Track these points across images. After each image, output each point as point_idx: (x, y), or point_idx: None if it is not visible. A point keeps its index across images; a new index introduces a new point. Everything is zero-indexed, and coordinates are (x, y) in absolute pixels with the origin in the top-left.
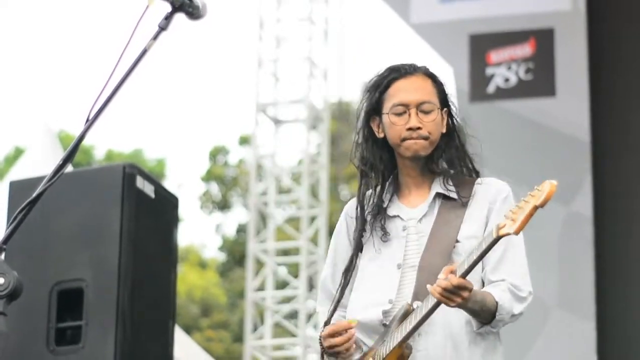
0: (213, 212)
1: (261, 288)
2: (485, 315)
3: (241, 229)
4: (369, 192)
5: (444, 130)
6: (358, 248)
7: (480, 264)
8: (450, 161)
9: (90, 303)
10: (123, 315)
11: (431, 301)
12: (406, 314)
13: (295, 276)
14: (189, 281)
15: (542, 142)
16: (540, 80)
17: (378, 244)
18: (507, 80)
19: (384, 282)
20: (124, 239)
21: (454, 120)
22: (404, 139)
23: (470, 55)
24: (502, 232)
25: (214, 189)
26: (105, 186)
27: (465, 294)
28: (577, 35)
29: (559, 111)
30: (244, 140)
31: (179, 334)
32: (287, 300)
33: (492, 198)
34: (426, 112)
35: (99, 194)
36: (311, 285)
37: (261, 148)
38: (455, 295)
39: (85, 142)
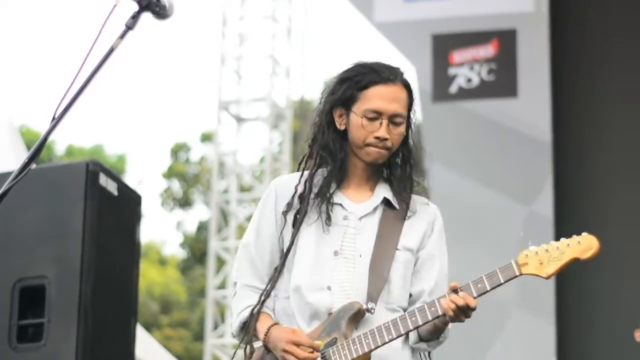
0: (174, 209)
1: (222, 286)
2: (435, 334)
3: (202, 227)
4: (317, 176)
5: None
6: (298, 229)
7: (411, 271)
8: (403, 174)
9: (53, 300)
10: (85, 312)
11: (422, 318)
12: (358, 314)
13: None
14: (149, 278)
15: (503, 143)
16: (502, 81)
17: (318, 228)
18: (469, 80)
19: (322, 267)
20: (86, 236)
21: (410, 131)
22: (367, 144)
23: (433, 55)
24: (527, 271)
25: (175, 185)
26: (69, 183)
27: (470, 315)
28: (540, 37)
29: (521, 112)
30: (206, 137)
31: (140, 332)
32: None
33: (430, 222)
34: (396, 124)
35: (62, 191)
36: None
37: (223, 145)
38: (464, 315)
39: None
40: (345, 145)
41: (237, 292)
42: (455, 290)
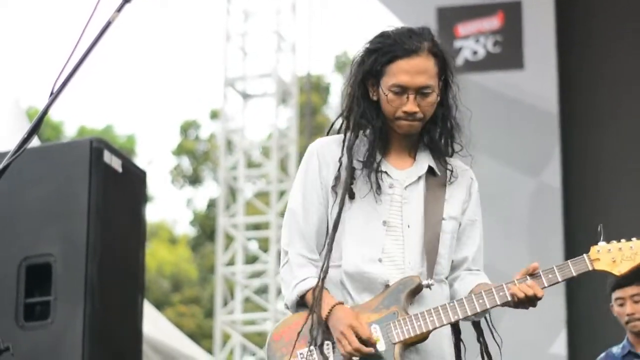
0: (184, 187)
1: (231, 263)
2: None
3: (212, 204)
4: (358, 146)
5: (438, 99)
6: (343, 200)
7: (453, 245)
8: (440, 131)
9: (59, 278)
10: (92, 290)
11: (490, 302)
12: (417, 289)
13: (265, 251)
14: (159, 257)
15: (510, 115)
16: (508, 53)
17: (368, 197)
18: (475, 53)
19: (371, 237)
20: (92, 214)
21: (449, 93)
22: (397, 118)
23: (438, 28)
24: (599, 267)
25: (185, 163)
26: (73, 161)
27: (536, 304)
28: (545, 8)
29: (527, 84)
30: (215, 115)
31: (149, 310)
32: (258, 274)
33: (467, 184)
34: (425, 95)
35: (67, 169)
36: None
37: (230, 122)
38: (530, 304)
39: (55, 118)
40: (381, 113)
41: (290, 261)
42: (531, 274)
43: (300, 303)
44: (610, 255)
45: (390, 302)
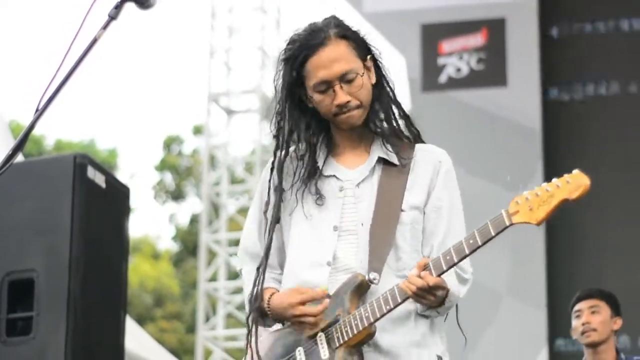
0: (167, 202)
1: (214, 278)
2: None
3: (195, 219)
4: (287, 164)
5: (373, 81)
6: (272, 226)
7: (420, 230)
8: (386, 113)
9: (42, 293)
10: (74, 305)
11: (394, 301)
12: (362, 286)
13: None
14: (142, 272)
15: (493, 132)
16: (491, 70)
17: (311, 204)
18: (459, 70)
19: (320, 243)
20: (75, 229)
21: (382, 71)
22: (335, 115)
23: (422, 44)
24: (517, 219)
25: (168, 178)
26: (56, 176)
27: (440, 292)
28: (529, 25)
29: (511, 101)
30: (198, 130)
31: (131, 325)
32: (240, 290)
33: (434, 168)
34: (350, 81)
35: (50, 184)
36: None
37: (214, 138)
38: (430, 294)
39: (36, 131)
40: (313, 116)
41: (244, 281)
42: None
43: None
44: (528, 205)
45: (335, 307)
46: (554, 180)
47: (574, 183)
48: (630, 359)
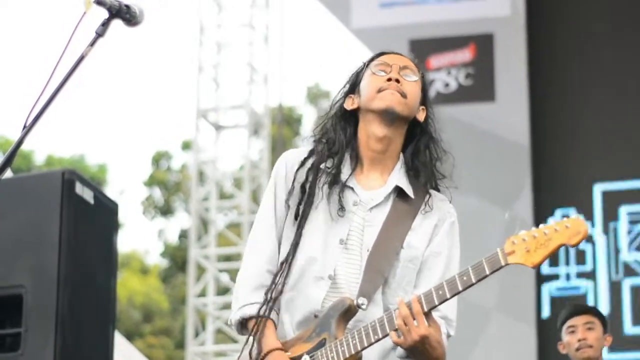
0: (155, 217)
1: (203, 294)
2: None
3: (183, 235)
4: (322, 164)
5: (420, 118)
6: (304, 222)
7: (413, 270)
8: (424, 162)
9: (30, 310)
10: (63, 321)
11: (391, 325)
12: (349, 311)
13: None
14: (130, 287)
15: (482, 147)
16: (480, 86)
17: (328, 214)
18: (447, 85)
19: (327, 254)
20: (63, 245)
21: (433, 123)
22: (380, 90)
23: None
24: (513, 260)
25: (157, 194)
26: (44, 192)
27: (428, 341)
28: (517, 41)
29: (499, 116)
30: (187, 146)
31: (120, 341)
32: (229, 306)
33: (442, 216)
34: (408, 75)
35: (38, 200)
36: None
37: (202, 153)
38: (415, 334)
39: (26, 147)
40: (352, 126)
41: (245, 277)
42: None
43: (244, 325)
44: (525, 246)
45: (321, 330)
46: (552, 223)
47: (573, 229)
48: None
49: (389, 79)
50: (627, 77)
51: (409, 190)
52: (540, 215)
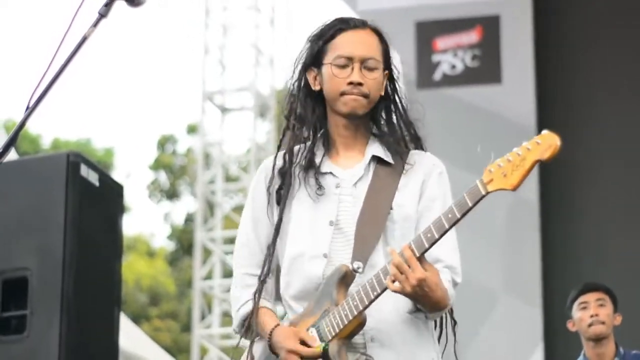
0: (161, 201)
1: (209, 277)
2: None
3: (190, 218)
4: (297, 147)
5: (382, 93)
6: (284, 204)
7: (412, 229)
8: (391, 126)
9: (35, 292)
10: (68, 303)
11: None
12: (347, 277)
13: None
14: (137, 270)
15: (488, 129)
16: (486, 67)
17: (310, 197)
18: (453, 67)
19: (316, 236)
20: (68, 228)
21: (396, 85)
22: (342, 93)
23: (416, 42)
24: (493, 187)
25: (163, 177)
26: (50, 175)
27: (427, 283)
28: (523, 22)
29: (505, 98)
30: (192, 129)
31: (126, 324)
32: None
33: (428, 170)
34: (370, 69)
35: (43, 183)
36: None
37: (208, 136)
38: (413, 278)
39: (33, 130)
40: (321, 105)
41: (236, 282)
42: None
43: (247, 327)
44: (501, 171)
45: (323, 300)
46: (524, 143)
47: (544, 143)
48: (629, 354)
49: (351, 83)
50: (637, 58)
51: (387, 157)
52: (546, 197)
